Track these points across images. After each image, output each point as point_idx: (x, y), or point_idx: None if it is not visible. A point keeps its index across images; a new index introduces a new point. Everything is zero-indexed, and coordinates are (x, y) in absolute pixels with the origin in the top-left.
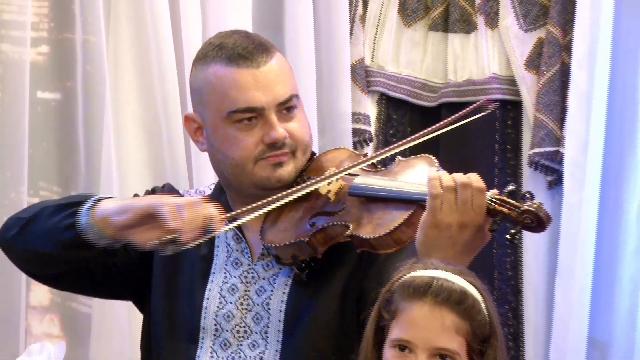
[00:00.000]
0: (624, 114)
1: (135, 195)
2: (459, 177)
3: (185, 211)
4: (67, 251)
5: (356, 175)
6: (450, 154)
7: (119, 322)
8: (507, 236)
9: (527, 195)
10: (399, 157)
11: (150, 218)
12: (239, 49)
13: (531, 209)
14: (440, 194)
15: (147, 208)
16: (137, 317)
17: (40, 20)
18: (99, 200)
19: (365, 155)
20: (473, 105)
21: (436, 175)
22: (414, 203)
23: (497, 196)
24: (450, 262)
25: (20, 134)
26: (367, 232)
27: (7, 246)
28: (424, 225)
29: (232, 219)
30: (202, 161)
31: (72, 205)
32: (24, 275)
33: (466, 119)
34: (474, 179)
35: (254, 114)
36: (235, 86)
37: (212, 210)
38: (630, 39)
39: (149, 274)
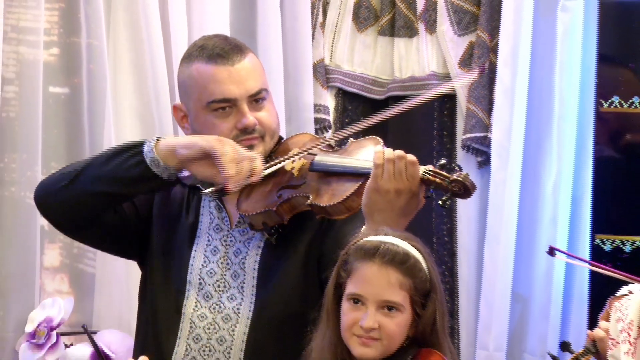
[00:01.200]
0: (541, 104)
1: None
2: (397, 151)
3: (245, 161)
4: (134, 184)
5: (315, 154)
6: (397, 138)
7: (118, 280)
8: (440, 202)
9: (456, 167)
10: (352, 138)
11: (210, 157)
12: (218, 50)
13: (459, 178)
14: (382, 164)
15: (210, 149)
16: (133, 276)
17: (52, 26)
18: (157, 139)
19: (324, 138)
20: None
21: (380, 149)
22: (362, 176)
23: (430, 168)
24: (390, 223)
25: (35, 122)
26: (324, 201)
27: (54, 197)
28: (368, 190)
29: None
30: None
31: (132, 148)
32: (38, 241)
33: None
34: (409, 155)
35: (228, 104)
36: (213, 80)
37: (258, 163)
38: (546, 42)
39: (150, 236)
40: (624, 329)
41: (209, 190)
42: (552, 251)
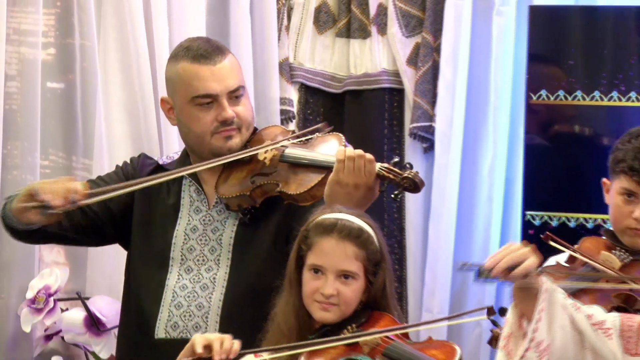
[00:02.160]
0: (479, 97)
1: (117, 166)
2: (357, 150)
3: (52, 186)
4: (15, 234)
5: (286, 147)
6: (353, 128)
7: (108, 252)
8: (392, 196)
9: (408, 165)
10: (317, 133)
11: (30, 196)
12: (201, 51)
13: (409, 176)
14: (343, 160)
15: (27, 191)
16: (121, 249)
17: (49, 29)
18: (14, 197)
19: (293, 132)
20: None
21: (342, 147)
22: (326, 169)
23: (385, 165)
24: (351, 209)
25: (34, 113)
26: (292, 189)
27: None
28: (330, 182)
29: (92, 195)
30: (169, 135)
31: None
32: None
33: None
34: (368, 154)
35: (210, 99)
36: (197, 78)
37: (76, 185)
38: (483, 42)
39: (130, 221)
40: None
41: (47, 217)
42: (547, 238)
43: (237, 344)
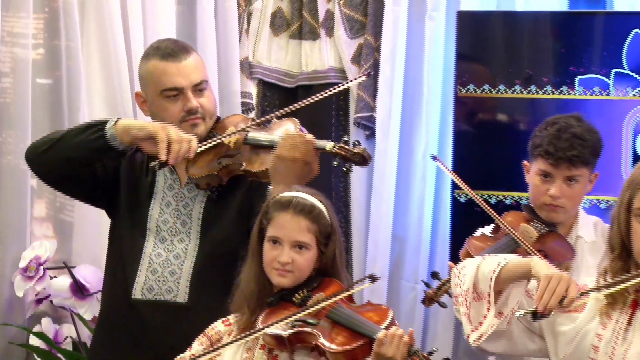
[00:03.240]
0: (414, 91)
1: None
2: (297, 131)
3: (184, 143)
4: (95, 153)
5: (248, 131)
6: (305, 117)
7: (92, 226)
8: (344, 169)
9: (356, 142)
10: (275, 119)
11: (155, 139)
12: (169, 50)
13: (359, 151)
14: (285, 137)
15: (154, 134)
16: (103, 224)
17: (38, 32)
18: (117, 120)
19: (253, 119)
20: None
21: (291, 127)
22: None
23: (337, 144)
24: (287, 184)
25: (26, 106)
26: (254, 167)
27: (37, 158)
28: (274, 157)
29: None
30: None
31: (97, 125)
32: (29, 197)
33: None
34: (308, 134)
35: (177, 92)
36: (165, 73)
37: (194, 143)
38: (417, 43)
39: (118, 192)
40: (461, 294)
41: (154, 163)
42: (434, 158)
43: None
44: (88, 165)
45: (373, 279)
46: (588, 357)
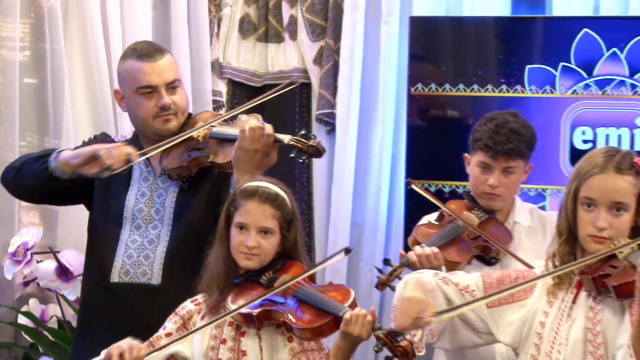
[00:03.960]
0: (370, 90)
1: (83, 141)
2: (257, 124)
3: (113, 151)
4: (45, 183)
5: (214, 126)
6: (271, 114)
7: (75, 215)
8: (300, 160)
9: (312, 136)
10: (240, 115)
11: (93, 158)
12: (145, 51)
13: (314, 144)
14: (245, 130)
15: (91, 152)
16: (85, 212)
17: (25, 35)
18: (60, 151)
19: (221, 115)
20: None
21: (247, 120)
22: None
23: (295, 137)
24: (249, 173)
25: (14, 104)
26: (220, 159)
27: (7, 184)
28: (236, 148)
29: (142, 154)
30: (122, 119)
31: (44, 157)
32: None
33: (273, 94)
34: (267, 125)
35: (151, 89)
36: (141, 72)
37: (130, 149)
38: (374, 46)
39: (92, 188)
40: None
41: (106, 174)
42: (407, 183)
43: (143, 350)
44: (42, 190)
45: (347, 250)
46: (536, 332)
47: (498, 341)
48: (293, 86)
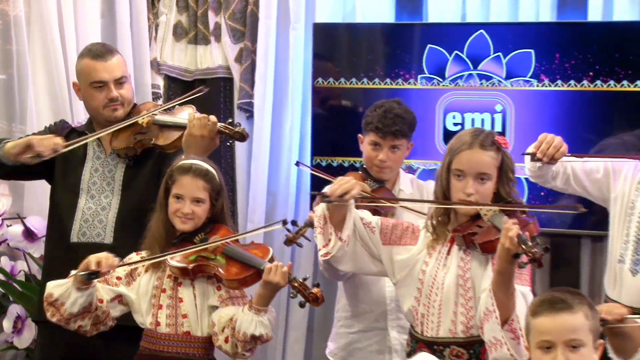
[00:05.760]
0: (282, 83)
1: (45, 127)
2: (203, 115)
3: (44, 141)
4: None
5: (156, 114)
6: (202, 104)
7: (38, 187)
8: (228, 144)
9: (237, 124)
10: (177, 105)
11: (28, 147)
12: (98, 52)
13: (239, 131)
14: (192, 119)
15: (26, 142)
16: (48, 186)
17: None
18: (7, 142)
19: (161, 105)
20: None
21: (191, 112)
22: (183, 127)
23: (224, 124)
24: (197, 154)
25: None
26: (161, 142)
27: None
28: (186, 135)
29: (67, 146)
30: (78, 108)
31: None
32: None
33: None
34: (211, 116)
35: (102, 84)
36: (94, 70)
37: (59, 140)
38: (284, 47)
39: (53, 165)
40: (317, 219)
41: (36, 160)
42: (297, 164)
43: (116, 260)
44: (6, 174)
45: (284, 222)
46: (418, 278)
47: (387, 275)
48: (202, 92)
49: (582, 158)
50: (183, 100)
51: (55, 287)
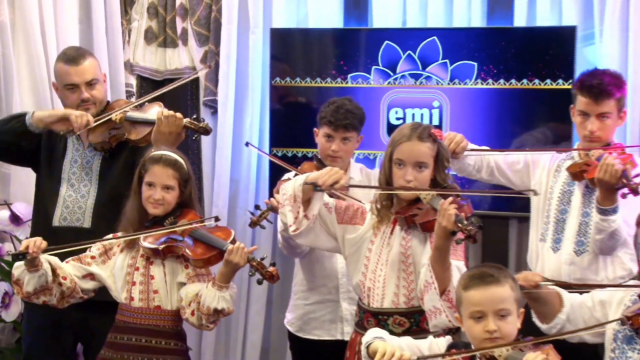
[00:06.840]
0: (243, 82)
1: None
2: (170, 112)
3: (79, 119)
4: (19, 136)
5: (127, 111)
6: (170, 100)
7: (24, 177)
8: (194, 137)
9: (202, 119)
10: (147, 102)
11: (64, 119)
12: (70, 56)
13: (204, 126)
14: (161, 116)
15: (64, 114)
16: (32, 175)
17: None
18: (34, 112)
19: (132, 102)
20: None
21: (160, 109)
22: (152, 123)
23: (190, 120)
24: (166, 146)
25: None
26: (133, 136)
27: None
28: (155, 131)
29: (97, 120)
30: (58, 105)
31: (19, 116)
32: None
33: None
34: (178, 113)
35: (74, 86)
36: (66, 73)
37: (90, 117)
38: (244, 50)
39: (39, 155)
40: (287, 198)
41: (63, 133)
42: (247, 144)
43: (44, 244)
44: (14, 144)
45: (217, 219)
46: (365, 255)
47: (339, 251)
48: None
49: (503, 152)
50: (152, 97)
51: (15, 269)
